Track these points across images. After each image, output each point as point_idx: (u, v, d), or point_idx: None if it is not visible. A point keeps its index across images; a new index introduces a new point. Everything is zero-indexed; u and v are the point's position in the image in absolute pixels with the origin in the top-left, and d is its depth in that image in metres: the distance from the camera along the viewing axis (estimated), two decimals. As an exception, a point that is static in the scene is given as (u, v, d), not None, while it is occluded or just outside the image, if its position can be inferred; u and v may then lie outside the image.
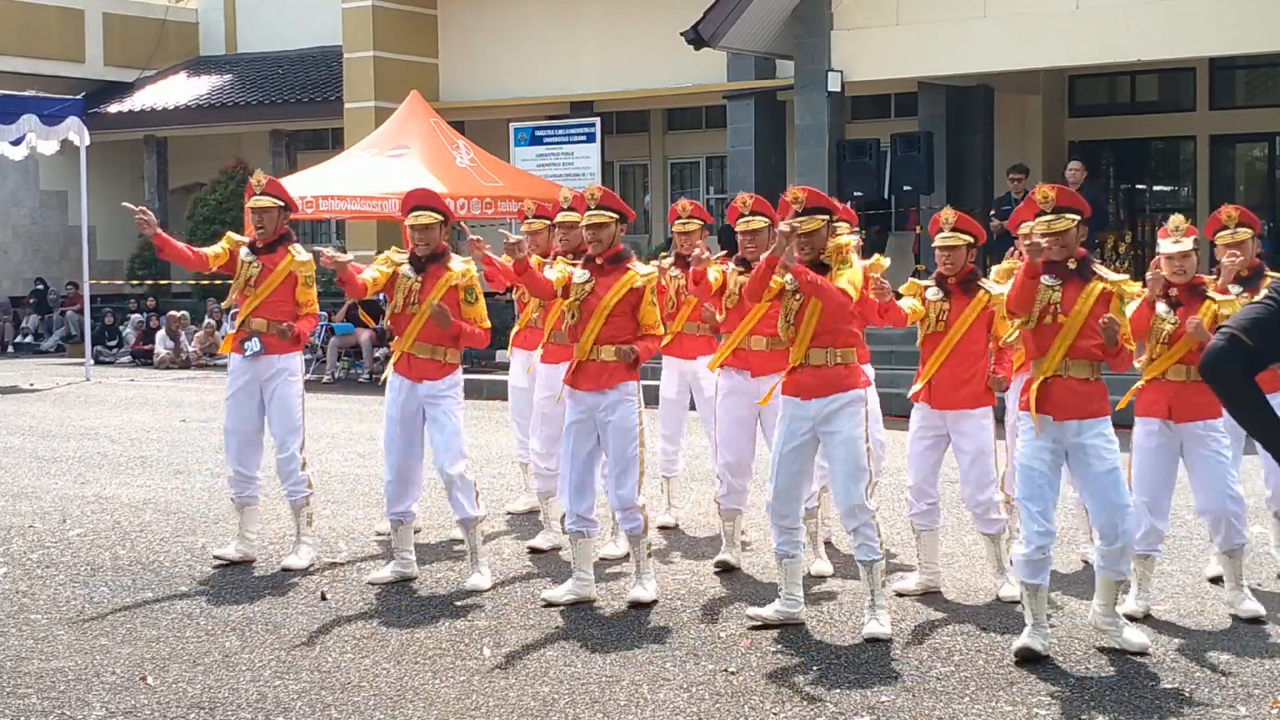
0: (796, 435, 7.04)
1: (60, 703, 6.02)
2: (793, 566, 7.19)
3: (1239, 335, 3.86)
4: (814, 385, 6.97)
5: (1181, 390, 7.27)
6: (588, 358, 7.50)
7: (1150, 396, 7.36)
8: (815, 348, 6.97)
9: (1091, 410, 6.67)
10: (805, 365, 6.99)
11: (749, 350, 8.19)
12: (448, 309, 7.77)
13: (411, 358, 7.99)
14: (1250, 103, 21.89)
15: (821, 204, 7.02)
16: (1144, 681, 6.28)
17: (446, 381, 7.99)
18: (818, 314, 6.92)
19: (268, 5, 28.51)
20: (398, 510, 8.10)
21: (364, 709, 5.96)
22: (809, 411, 6.98)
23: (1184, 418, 7.26)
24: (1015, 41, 17.94)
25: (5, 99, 21.27)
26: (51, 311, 27.56)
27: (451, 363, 8.02)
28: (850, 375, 6.99)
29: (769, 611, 7.18)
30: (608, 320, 7.45)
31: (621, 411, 7.47)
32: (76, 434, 14.46)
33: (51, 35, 27.60)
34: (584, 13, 23.28)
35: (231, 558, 8.53)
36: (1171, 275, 7.32)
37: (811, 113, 19.06)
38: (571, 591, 7.56)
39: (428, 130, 20.09)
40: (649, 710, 5.93)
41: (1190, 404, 7.23)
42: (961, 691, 6.16)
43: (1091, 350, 6.67)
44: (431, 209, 7.97)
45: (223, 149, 27.10)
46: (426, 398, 7.96)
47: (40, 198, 28.92)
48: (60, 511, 10.19)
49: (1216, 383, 3.89)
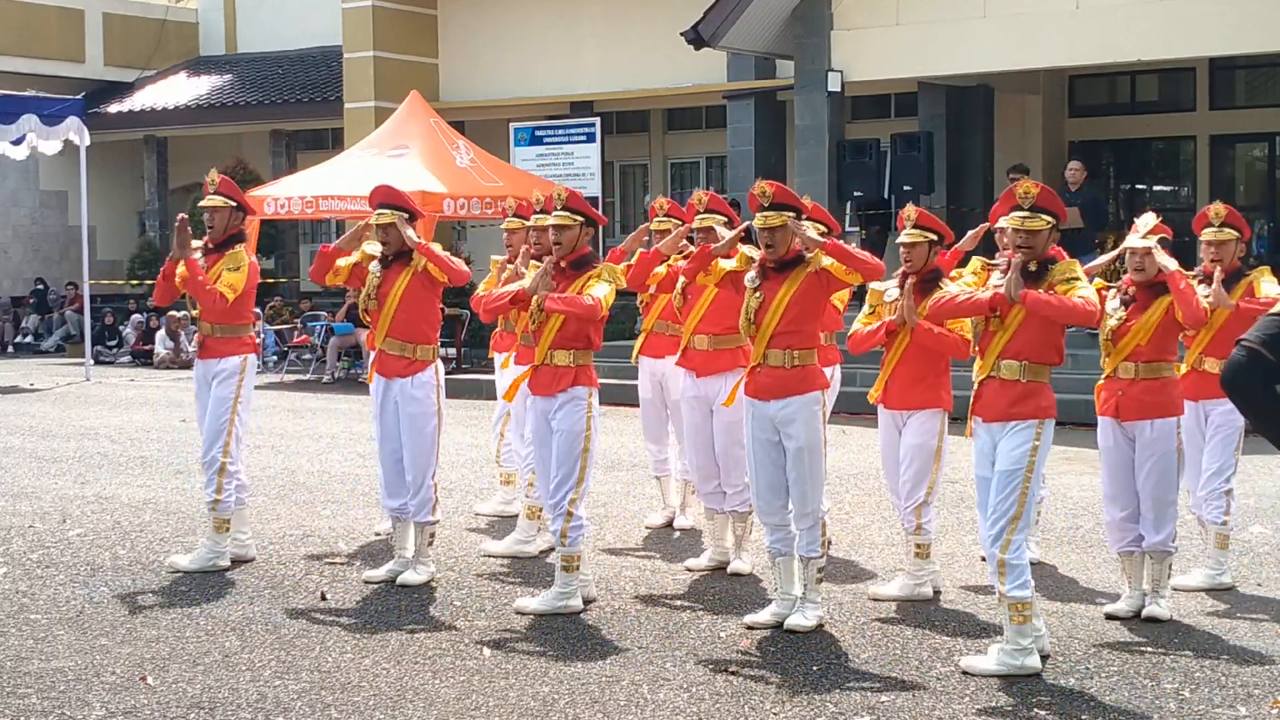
0: (762, 436, 7.07)
1: (60, 703, 6.02)
2: (787, 565, 7.18)
3: (1259, 350, 3.85)
4: (771, 386, 6.99)
5: (1129, 389, 7.20)
6: (542, 362, 7.46)
7: (1104, 395, 7.32)
8: (773, 348, 6.97)
9: (1014, 413, 6.49)
10: (764, 365, 7.01)
11: (693, 349, 8.26)
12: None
13: (383, 354, 8.06)
14: (1250, 103, 21.90)
15: (789, 201, 7.02)
16: (1144, 681, 6.28)
17: (417, 380, 7.98)
18: (780, 313, 6.92)
19: (268, 5, 28.51)
20: (393, 506, 8.14)
21: (364, 709, 5.96)
22: (769, 412, 7.01)
23: (1131, 416, 7.20)
24: (1015, 41, 17.94)
25: (5, 99, 21.26)
26: (51, 311, 27.56)
27: (423, 360, 8.02)
28: (807, 378, 6.99)
29: (766, 616, 7.17)
30: (562, 325, 7.39)
31: (567, 412, 7.40)
32: (76, 434, 14.46)
33: (51, 35, 27.60)
34: (584, 13, 23.28)
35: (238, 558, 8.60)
36: (1133, 272, 7.25)
37: (811, 113, 19.05)
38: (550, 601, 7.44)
39: (428, 130, 20.09)
40: (649, 710, 5.93)
41: (1138, 402, 7.17)
42: (961, 691, 6.16)
43: (1021, 351, 6.51)
44: (393, 207, 8.00)
45: (223, 149, 27.09)
46: (400, 395, 8.01)
47: (40, 198, 28.91)
48: (60, 511, 10.19)
49: (1237, 396, 3.88)
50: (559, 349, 7.40)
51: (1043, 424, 6.50)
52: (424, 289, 7.99)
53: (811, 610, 7.07)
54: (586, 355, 7.48)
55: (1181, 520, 7.63)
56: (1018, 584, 6.34)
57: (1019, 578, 6.35)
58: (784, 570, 7.18)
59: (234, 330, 8.53)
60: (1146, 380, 7.17)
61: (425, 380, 8.01)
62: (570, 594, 7.43)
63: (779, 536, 7.14)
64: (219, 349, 8.49)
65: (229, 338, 8.50)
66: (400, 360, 8.01)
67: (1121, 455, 7.28)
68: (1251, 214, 22.61)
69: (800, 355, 6.97)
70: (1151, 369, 7.18)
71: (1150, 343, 7.17)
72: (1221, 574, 7.93)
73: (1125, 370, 7.21)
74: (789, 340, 6.95)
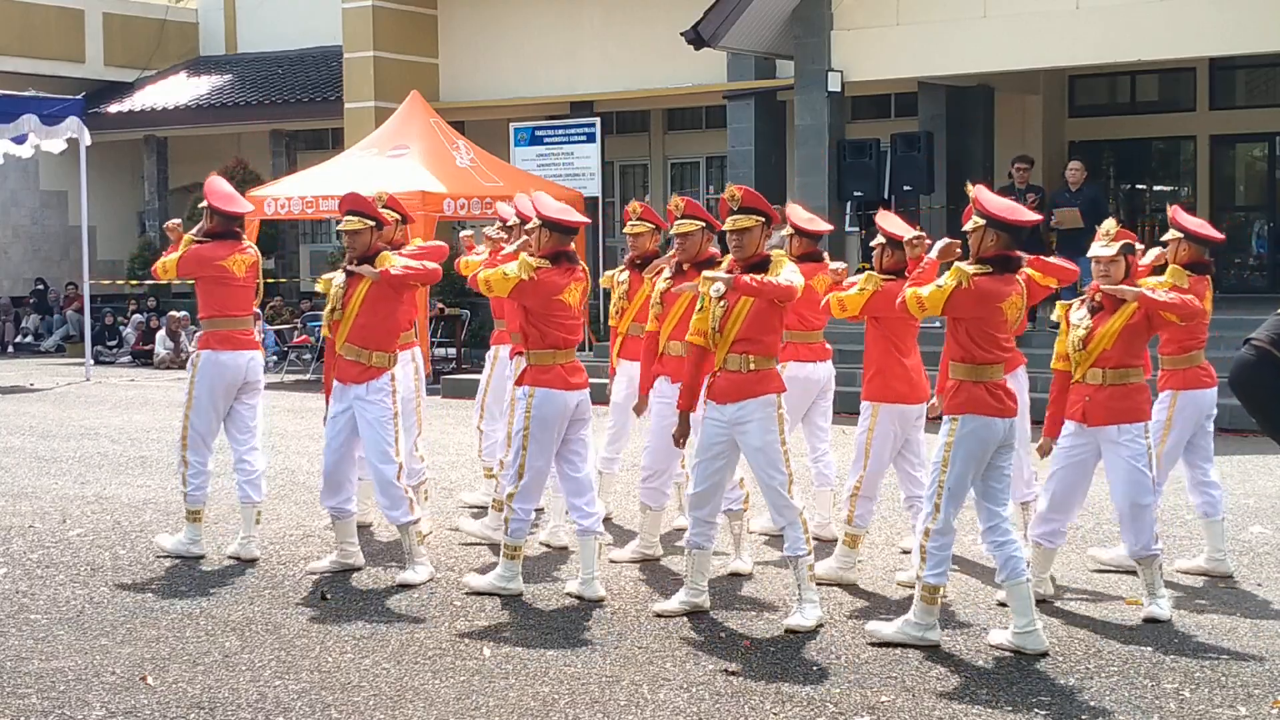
0: (713, 438, 7.23)
1: (60, 703, 6.02)
2: (701, 558, 7.39)
3: (1269, 348, 3.84)
4: (728, 390, 7.14)
5: (1096, 394, 7.27)
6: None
7: (1071, 399, 7.39)
8: (733, 353, 7.14)
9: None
10: (724, 370, 7.18)
11: (669, 355, 8.40)
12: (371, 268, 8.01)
13: (341, 360, 8.17)
14: (1250, 103, 21.90)
15: (758, 206, 7.20)
16: (1144, 681, 6.28)
17: (370, 387, 8.08)
18: (741, 320, 7.09)
19: (268, 5, 28.50)
20: (330, 505, 8.29)
21: (364, 709, 5.96)
22: (725, 415, 7.17)
23: (1097, 421, 7.27)
24: (1015, 41, 17.93)
25: (5, 99, 21.26)
26: (51, 311, 27.56)
27: (378, 366, 8.11)
28: (762, 381, 7.13)
29: (674, 604, 7.38)
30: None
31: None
32: (76, 434, 14.46)
33: (51, 35, 27.59)
34: (584, 13, 23.28)
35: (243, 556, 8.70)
36: (1098, 278, 7.34)
37: (811, 113, 19.06)
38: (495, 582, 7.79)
39: (428, 130, 20.09)
40: (649, 710, 5.93)
41: (1104, 408, 7.25)
42: (961, 691, 6.16)
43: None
44: (359, 214, 8.12)
45: (223, 149, 27.09)
46: (355, 400, 8.12)
47: (40, 198, 28.90)
48: (60, 511, 10.20)
49: (1245, 395, 3.87)
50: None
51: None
52: (385, 297, 8.12)
53: (810, 610, 7.11)
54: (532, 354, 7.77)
55: (1180, 521, 7.65)
56: (934, 572, 6.78)
57: (937, 567, 6.79)
58: (698, 562, 7.39)
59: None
60: (1113, 386, 7.26)
61: (380, 386, 8.12)
62: (511, 578, 7.74)
63: (700, 531, 7.34)
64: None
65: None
66: (355, 366, 8.12)
67: (1077, 458, 7.38)
68: (1252, 214, 22.65)
69: (757, 361, 7.13)
70: (1119, 374, 7.27)
71: (1116, 348, 7.27)
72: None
73: (1093, 376, 7.30)
74: (747, 347, 7.12)
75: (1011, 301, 6.78)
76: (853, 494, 7.97)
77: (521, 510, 7.71)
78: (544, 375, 7.66)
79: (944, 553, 6.79)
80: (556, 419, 7.67)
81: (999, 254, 6.76)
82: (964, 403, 6.77)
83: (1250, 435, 12.78)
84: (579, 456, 7.85)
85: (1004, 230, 6.75)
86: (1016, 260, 6.86)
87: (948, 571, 6.84)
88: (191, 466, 8.69)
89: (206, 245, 8.72)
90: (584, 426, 7.86)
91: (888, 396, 7.92)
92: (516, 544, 7.76)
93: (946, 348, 6.93)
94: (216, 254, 8.70)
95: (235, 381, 8.71)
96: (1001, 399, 6.79)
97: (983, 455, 6.77)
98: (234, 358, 8.68)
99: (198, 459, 8.70)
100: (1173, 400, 8.09)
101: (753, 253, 7.15)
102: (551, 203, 7.93)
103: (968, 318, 6.75)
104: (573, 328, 7.74)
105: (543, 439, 7.66)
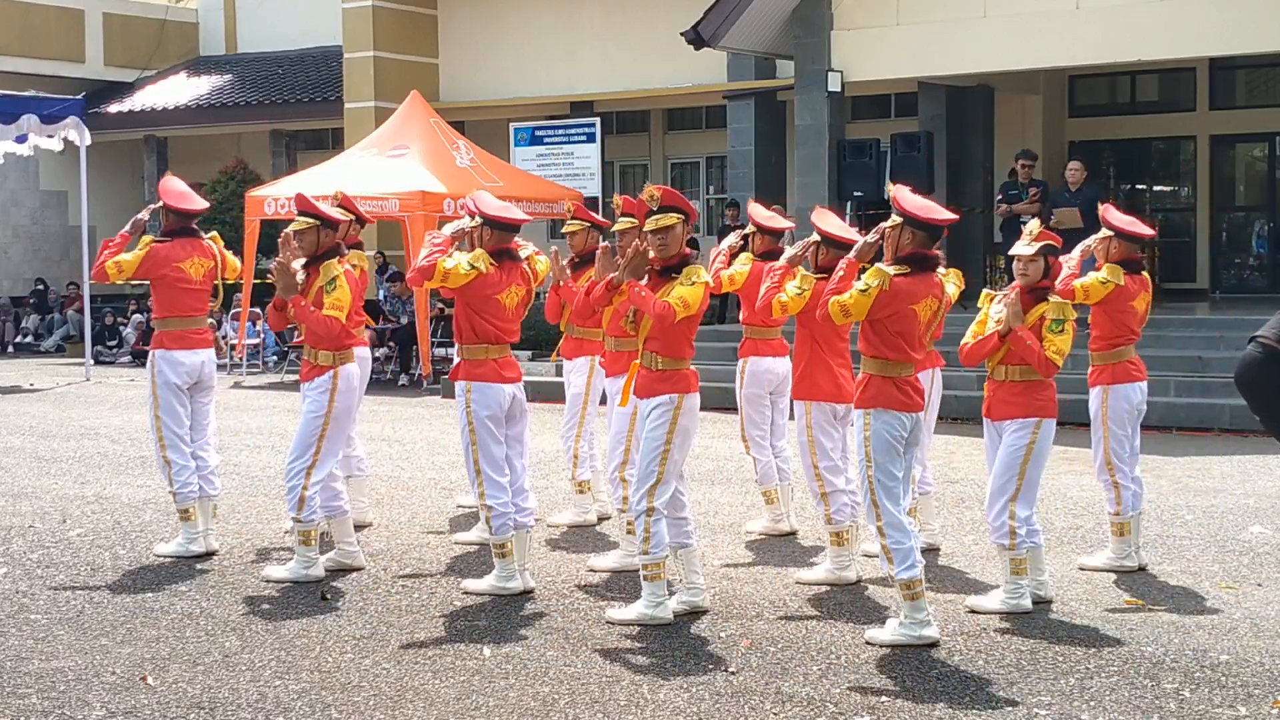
0: (641, 432, 7.35)
1: (60, 703, 6.02)
2: (688, 556, 7.44)
3: (1276, 346, 3.82)
4: (643, 385, 7.30)
5: (999, 390, 7.49)
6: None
7: (986, 394, 7.62)
8: (646, 351, 7.26)
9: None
10: (641, 365, 7.31)
11: (606, 351, 8.60)
12: (286, 267, 7.95)
13: (303, 358, 8.29)
14: (1250, 103, 21.92)
15: (677, 204, 7.25)
16: (1144, 681, 6.28)
17: (313, 384, 8.15)
18: (648, 323, 7.20)
19: (268, 5, 28.51)
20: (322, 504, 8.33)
21: (364, 709, 5.96)
22: (643, 410, 7.31)
23: (998, 416, 7.50)
24: (1015, 41, 17.94)
25: (5, 99, 21.27)
26: (52, 311, 27.56)
27: (322, 365, 8.13)
28: (665, 381, 7.21)
29: (676, 605, 7.35)
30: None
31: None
32: (76, 434, 14.46)
33: (51, 35, 27.60)
34: (584, 13, 23.29)
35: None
36: (1018, 278, 7.47)
37: (811, 113, 19.06)
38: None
39: (428, 130, 20.10)
40: (649, 710, 5.93)
41: (1005, 403, 7.45)
42: (961, 691, 6.16)
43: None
44: (305, 214, 8.17)
45: (223, 149, 27.10)
46: (301, 399, 8.26)
47: (40, 198, 28.91)
48: (60, 511, 10.20)
49: (1251, 394, 3.84)
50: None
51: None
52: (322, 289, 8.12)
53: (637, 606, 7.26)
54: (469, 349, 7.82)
55: (1180, 521, 7.63)
56: (903, 567, 6.78)
57: (904, 561, 6.78)
58: (688, 561, 7.44)
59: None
60: (1012, 383, 7.43)
61: (321, 383, 8.15)
62: (509, 577, 7.77)
63: (675, 530, 7.36)
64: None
65: None
66: (305, 363, 8.25)
67: (992, 452, 7.59)
68: (1252, 214, 22.65)
69: (664, 361, 7.21)
70: (1021, 371, 7.40)
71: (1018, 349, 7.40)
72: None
73: (999, 373, 7.50)
74: (657, 346, 7.21)
75: (926, 304, 6.87)
76: (820, 493, 8.04)
77: (498, 505, 7.72)
78: (477, 369, 7.73)
79: (905, 545, 6.80)
80: (495, 409, 7.74)
81: (916, 252, 6.83)
82: (873, 397, 6.90)
83: (1250, 435, 12.79)
84: (514, 453, 7.92)
85: (920, 229, 6.83)
86: (934, 259, 6.94)
87: (918, 563, 6.81)
88: (174, 465, 8.77)
89: (165, 245, 8.84)
90: (520, 422, 7.94)
91: (815, 394, 8.07)
92: (503, 540, 7.76)
93: (860, 343, 7.00)
94: (175, 255, 8.81)
95: (191, 377, 8.82)
96: (910, 394, 6.92)
97: (899, 447, 6.89)
98: (189, 355, 8.79)
99: (178, 457, 8.78)
100: (1104, 395, 8.23)
101: (676, 251, 7.23)
102: (493, 201, 7.94)
103: (880, 317, 6.84)
104: (506, 328, 7.80)
105: (485, 432, 7.73)
